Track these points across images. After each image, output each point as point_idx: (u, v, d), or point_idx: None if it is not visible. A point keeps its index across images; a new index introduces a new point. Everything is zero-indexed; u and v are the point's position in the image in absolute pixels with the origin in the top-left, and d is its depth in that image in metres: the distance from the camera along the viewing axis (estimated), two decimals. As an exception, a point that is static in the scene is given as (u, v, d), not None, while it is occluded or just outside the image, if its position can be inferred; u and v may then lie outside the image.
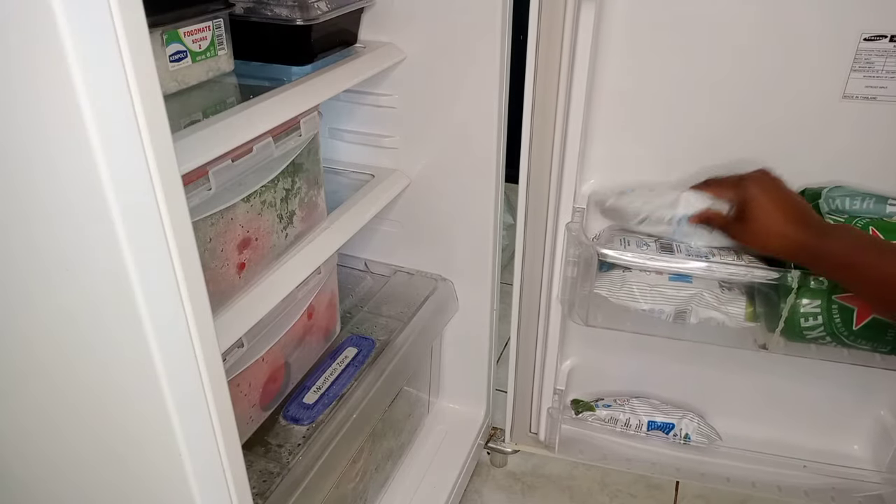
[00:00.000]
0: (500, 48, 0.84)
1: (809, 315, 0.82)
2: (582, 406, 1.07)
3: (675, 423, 1.04)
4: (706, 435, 1.04)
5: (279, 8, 0.72)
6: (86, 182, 0.36)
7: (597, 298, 0.92)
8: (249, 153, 0.62)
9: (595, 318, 0.94)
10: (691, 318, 0.90)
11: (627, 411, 1.05)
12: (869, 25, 0.78)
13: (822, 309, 0.82)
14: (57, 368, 0.47)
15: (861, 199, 0.83)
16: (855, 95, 0.82)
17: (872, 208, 0.82)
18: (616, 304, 0.92)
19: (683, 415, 1.04)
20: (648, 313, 0.91)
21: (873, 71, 0.81)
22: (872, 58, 0.80)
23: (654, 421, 1.04)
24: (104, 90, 0.34)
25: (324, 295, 0.86)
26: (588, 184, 0.97)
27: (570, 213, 0.91)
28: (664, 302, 0.90)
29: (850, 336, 0.82)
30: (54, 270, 0.41)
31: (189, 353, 0.44)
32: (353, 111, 0.98)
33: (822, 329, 0.83)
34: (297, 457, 0.73)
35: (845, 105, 0.83)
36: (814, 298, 0.82)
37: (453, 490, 1.04)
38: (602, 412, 1.06)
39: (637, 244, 0.92)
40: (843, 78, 0.82)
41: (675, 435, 1.03)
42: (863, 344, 0.83)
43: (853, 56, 0.80)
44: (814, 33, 0.80)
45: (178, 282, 0.42)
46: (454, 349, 1.13)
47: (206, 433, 0.48)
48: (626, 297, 0.91)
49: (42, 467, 0.56)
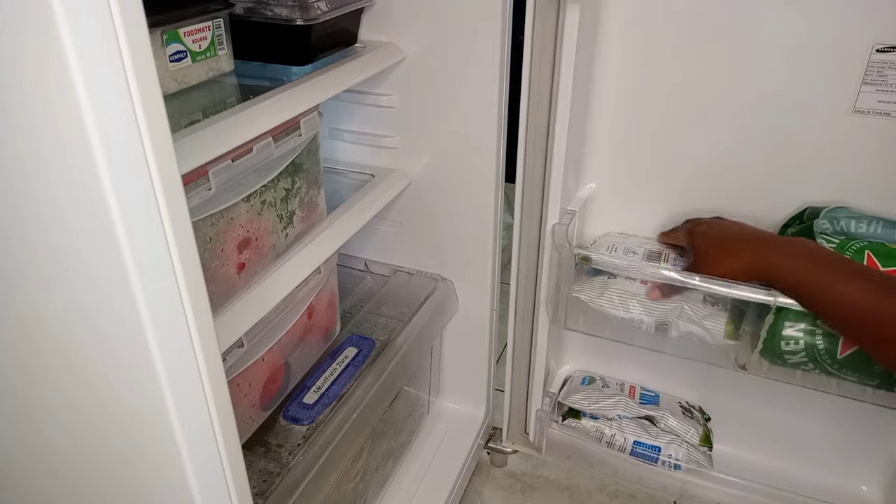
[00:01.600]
0: (500, 48, 0.84)
1: (791, 339, 0.78)
2: (570, 412, 1.06)
3: (663, 448, 0.98)
4: (696, 461, 0.97)
5: (279, 8, 0.72)
6: (86, 182, 0.36)
7: (576, 302, 0.91)
8: (249, 153, 0.62)
9: (575, 322, 0.92)
10: (672, 331, 0.87)
11: (614, 427, 1.00)
12: (882, 36, 0.74)
13: (804, 333, 0.77)
14: (57, 368, 0.47)
15: (868, 222, 0.79)
16: (867, 110, 0.78)
17: (880, 233, 0.78)
18: (596, 310, 0.90)
19: (671, 440, 0.98)
20: (628, 322, 0.88)
21: (886, 85, 0.76)
22: (886, 70, 0.75)
23: (641, 442, 0.99)
24: (104, 90, 0.34)
25: (324, 295, 0.86)
26: (587, 188, 0.97)
27: (559, 214, 0.89)
28: (644, 312, 0.87)
29: (833, 365, 0.77)
30: (54, 270, 0.41)
31: (189, 353, 0.44)
32: (353, 111, 0.98)
33: (803, 354, 0.78)
34: (297, 457, 0.73)
35: (856, 120, 0.79)
36: (797, 321, 0.77)
37: (453, 490, 1.04)
38: (588, 423, 1.03)
39: (624, 251, 0.92)
40: (853, 91, 0.77)
41: (664, 463, 0.97)
42: (849, 374, 0.77)
43: (864, 68, 0.76)
44: (821, 43, 0.76)
45: (178, 282, 0.42)
46: (454, 349, 1.13)
47: (206, 433, 0.48)
48: (606, 304, 0.89)
49: (42, 467, 0.56)
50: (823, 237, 0.78)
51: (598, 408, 1.03)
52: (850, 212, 0.81)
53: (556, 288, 0.92)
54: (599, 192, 0.98)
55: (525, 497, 1.14)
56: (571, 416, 1.05)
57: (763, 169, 0.86)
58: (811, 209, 0.84)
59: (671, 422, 1.00)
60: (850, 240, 0.77)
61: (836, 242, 0.77)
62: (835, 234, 0.79)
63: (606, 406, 1.03)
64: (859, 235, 0.79)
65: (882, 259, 0.74)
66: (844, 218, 0.80)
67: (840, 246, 0.76)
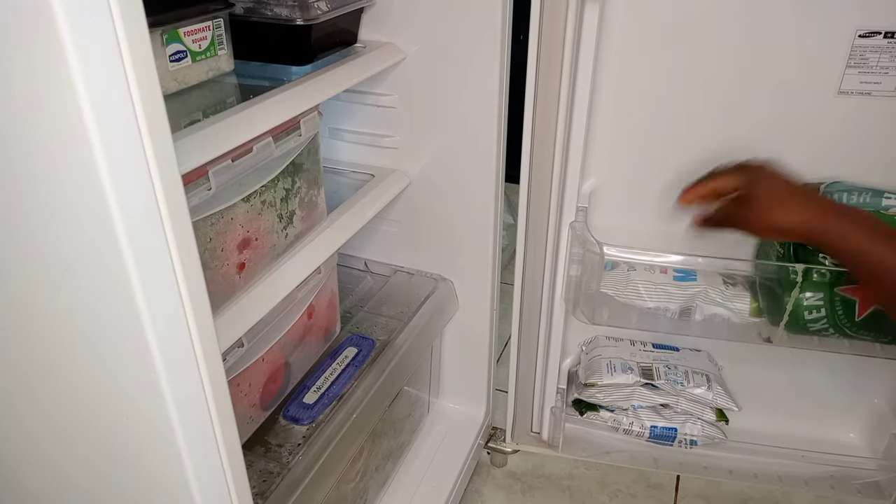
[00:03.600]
0: (500, 48, 0.84)
1: (813, 308, 0.83)
2: (585, 406, 1.07)
3: (678, 428, 1.02)
4: (711, 436, 1.03)
5: (279, 8, 0.72)
6: (86, 182, 0.36)
7: (603, 297, 0.93)
8: (249, 153, 0.62)
9: (601, 316, 0.94)
10: (696, 314, 0.91)
11: (631, 416, 1.04)
12: (863, 22, 0.80)
13: (825, 301, 0.83)
14: (57, 368, 0.47)
15: (858, 193, 0.84)
16: (850, 91, 0.84)
17: (869, 202, 0.83)
18: (622, 303, 0.92)
19: (687, 418, 1.03)
20: (654, 311, 0.92)
21: (868, 67, 0.82)
22: (867, 54, 0.81)
23: (657, 426, 1.03)
24: (104, 90, 0.34)
25: (324, 295, 0.86)
26: (588, 182, 0.97)
27: (574, 211, 0.91)
28: (669, 300, 0.91)
29: (852, 327, 0.83)
30: (54, 270, 0.41)
31: (189, 353, 0.44)
32: (353, 111, 0.98)
33: (825, 321, 0.84)
34: (297, 457, 0.73)
35: (841, 101, 0.84)
36: (817, 291, 0.83)
37: (453, 490, 1.04)
38: (606, 414, 1.06)
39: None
40: (838, 74, 0.83)
41: (681, 442, 1.03)
42: (864, 335, 0.84)
43: (848, 52, 0.81)
44: (810, 31, 0.82)
45: (178, 282, 0.42)
46: (454, 349, 1.13)
47: (206, 433, 0.48)
48: (633, 296, 0.92)
49: (43, 467, 0.56)
50: None
51: (612, 400, 1.04)
52: (843, 185, 0.86)
53: (578, 285, 0.94)
54: (600, 187, 0.98)
55: (525, 497, 1.14)
56: (589, 409, 1.07)
57: (758, 151, 0.85)
58: (807, 185, 0.86)
59: (683, 405, 1.02)
60: None
61: None
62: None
63: (621, 397, 1.03)
64: (851, 205, 0.84)
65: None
66: (838, 192, 0.85)
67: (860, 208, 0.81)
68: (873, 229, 0.72)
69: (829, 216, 0.73)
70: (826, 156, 0.88)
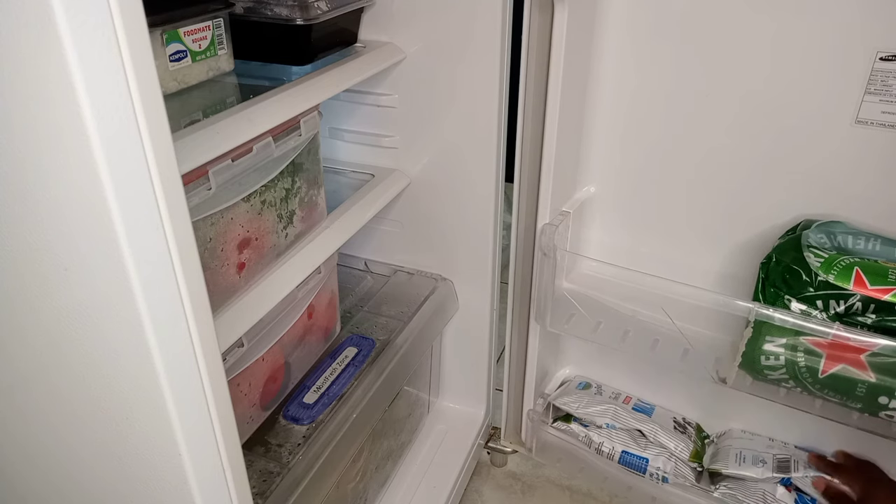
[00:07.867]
0: (499, 48, 0.84)
1: (770, 354, 0.75)
2: (562, 416, 1.06)
3: (651, 460, 0.98)
4: (684, 476, 0.97)
5: (279, 8, 0.72)
6: (85, 182, 0.36)
7: (564, 303, 0.92)
8: (249, 153, 0.62)
9: (559, 324, 0.94)
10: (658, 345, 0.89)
11: (603, 435, 1.01)
12: (886, 43, 0.69)
13: (785, 349, 0.74)
14: (55, 368, 0.47)
15: (866, 238, 0.76)
16: (870, 121, 0.74)
17: (879, 250, 0.75)
18: (582, 314, 0.92)
19: (660, 452, 0.98)
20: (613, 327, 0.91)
21: (891, 95, 0.71)
22: (890, 80, 0.70)
23: (629, 452, 0.99)
24: (104, 90, 0.34)
25: (324, 295, 0.86)
26: (584, 190, 0.97)
27: (549, 214, 0.90)
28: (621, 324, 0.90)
29: (815, 384, 0.74)
30: (54, 270, 0.41)
31: (189, 353, 0.44)
32: (353, 111, 0.98)
33: (784, 371, 0.76)
34: (297, 456, 0.73)
35: (858, 131, 0.75)
36: (778, 336, 0.75)
37: (453, 490, 1.04)
38: (577, 428, 1.04)
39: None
40: (855, 101, 0.74)
41: (652, 475, 0.98)
42: (830, 395, 0.75)
43: (867, 77, 0.72)
44: (823, 50, 0.73)
45: (178, 282, 0.42)
46: (454, 349, 1.13)
47: (206, 433, 0.48)
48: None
49: (40, 468, 0.56)
50: (812, 251, 0.75)
51: (587, 413, 1.03)
52: (846, 227, 0.78)
53: (538, 288, 0.93)
54: (599, 195, 0.98)
55: (525, 497, 1.14)
56: (562, 419, 1.06)
57: (762, 178, 0.85)
58: (806, 221, 0.82)
59: (661, 437, 1.01)
60: (840, 254, 0.74)
61: (824, 257, 0.74)
62: (828, 248, 0.76)
63: (596, 412, 1.03)
64: (857, 252, 0.76)
65: (870, 276, 0.71)
66: (841, 233, 0.77)
67: (829, 260, 0.73)
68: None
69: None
70: (838, 191, 0.80)
